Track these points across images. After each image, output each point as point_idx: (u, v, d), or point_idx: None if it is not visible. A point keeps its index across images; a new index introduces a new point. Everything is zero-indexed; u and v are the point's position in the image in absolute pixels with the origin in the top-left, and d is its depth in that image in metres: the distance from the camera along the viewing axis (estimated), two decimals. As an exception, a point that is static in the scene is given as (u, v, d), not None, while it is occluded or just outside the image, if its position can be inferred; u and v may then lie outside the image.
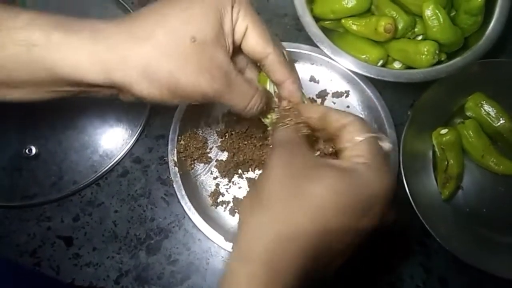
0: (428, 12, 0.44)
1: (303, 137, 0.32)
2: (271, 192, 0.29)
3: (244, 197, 0.47)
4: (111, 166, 0.50)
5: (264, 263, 0.27)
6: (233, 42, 0.33)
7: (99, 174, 0.49)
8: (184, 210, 0.46)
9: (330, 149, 0.34)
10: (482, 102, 0.48)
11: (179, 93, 0.30)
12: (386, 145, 0.32)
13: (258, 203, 0.29)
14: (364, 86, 0.49)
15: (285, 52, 0.35)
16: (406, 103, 0.52)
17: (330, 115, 0.32)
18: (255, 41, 0.33)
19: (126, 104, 0.51)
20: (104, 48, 0.29)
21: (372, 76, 0.46)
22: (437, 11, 0.43)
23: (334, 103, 0.51)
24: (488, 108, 0.48)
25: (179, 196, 0.46)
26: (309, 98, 0.51)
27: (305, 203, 0.28)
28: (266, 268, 0.27)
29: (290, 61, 0.36)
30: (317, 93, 0.51)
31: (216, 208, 0.48)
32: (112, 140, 0.51)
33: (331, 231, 0.28)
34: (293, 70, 0.36)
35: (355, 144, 0.31)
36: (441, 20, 0.43)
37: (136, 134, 0.51)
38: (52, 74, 0.30)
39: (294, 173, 0.29)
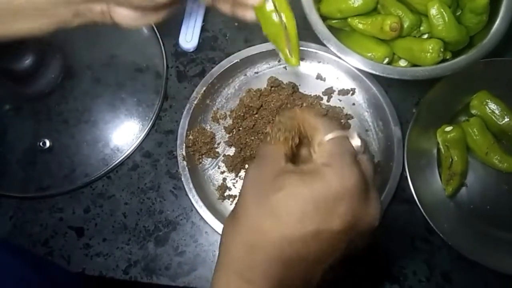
0: (433, 11, 0.44)
1: (282, 149, 0.32)
2: (242, 205, 0.30)
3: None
4: (121, 160, 0.51)
5: (235, 273, 0.28)
6: None
7: (110, 167, 0.51)
8: (192, 203, 0.47)
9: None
10: (487, 101, 0.49)
11: None
12: (356, 141, 0.32)
13: (233, 216, 0.30)
14: (370, 84, 0.50)
15: None
16: (412, 101, 0.52)
17: (308, 120, 0.32)
18: None
19: (137, 99, 0.53)
20: None
21: (377, 73, 0.46)
22: (442, 10, 0.44)
23: (340, 100, 0.52)
24: (492, 107, 0.49)
25: (187, 189, 0.47)
26: (316, 95, 0.51)
27: (269, 212, 0.28)
28: (237, 277, 0.28)
29: None
30: (323, 90, 0.52)
31: (223, 201, 0.49)
32: (123, 134, 0.52)
33: (298, 236, 0.27)
34: None
35: (320, 145, 0.31)
36: (446, 19, 0.44)
37: (146, 129, 0.52)
38: None
39: (261, 184, 0.29)
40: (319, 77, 0.52)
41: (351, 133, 0.32)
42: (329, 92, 0.52)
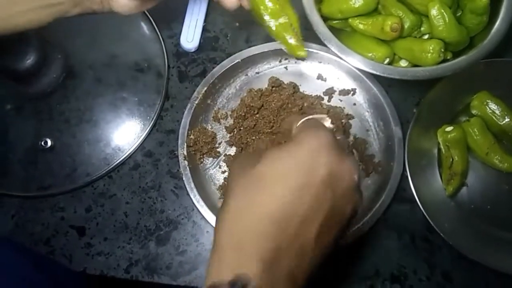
0: (433, 12, 0.45)
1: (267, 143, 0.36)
2: (229, 185, 0.31)
3: None
4: (123, 159, 0.51)
5: (228, 246, 0.28)
6: None
7: (112, 166, 0.51)
8: (193, 203, 0.48)
9: None
10: (487, 101, 0.49)
11: None
12: (327, 123, 0.38)
13: (222, 203, 0.31)
14: (371, 84, 0.50)
15: None
16: (412, 101, 0.53)
17: (288, 123, 0.37)
18: None
19: (138, 98, 0.53)
20: None
21: (378, 73, 0.46)
22: (442, 11, 0.44)
23: (341, 100, 0.52)
24: (493, 107, 0.49)
25: (188, 189, 0.48)
26: (317, 95, 0.52)
27: (254, 181, 0.29)
28: (230, 250, 0.28)
29: None
30: (324, 90, 0.52)
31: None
32: (124, 134, 0.52)
33: (283, 195, 0.28)
34: None
35: (295, 130, 0.35)
36: (447, 19, 0.44)
37: (148, 129, 0.52)
38: None
39: (246, 164, 0.31)
40: (320, 77, 0.53)
41: (322, 117, 0.37)
42: (330, 92, 0.52)
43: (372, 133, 0.51)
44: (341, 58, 0.48)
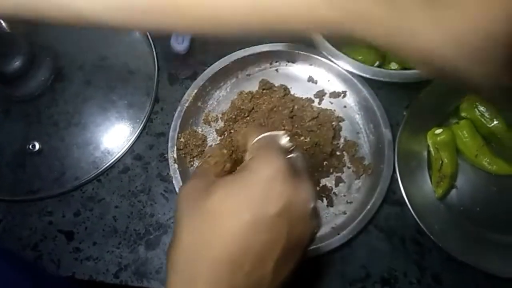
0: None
1: (212, 169, 0.33)
2: (177, 221, 0.29)
3: None
4: (112, 163, 0.51)
5: (178, 276, 0.27)
6: None
7: (101, 170, 0.50)
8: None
9: None
10: (477, 103, 0.49)
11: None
12: (283, 140, 0.33)
13: (172, 239, 0.29)
14: (361, 87, 0.50)
15: None
16: (402, 104, 0.53)
17: (244, 135, 0.34)
18: None
19: (128, 101, 0.53)
20: None
21: (368, 76, 0.47)
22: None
23: (332, 103, 0.52)
24: (482, 109, 0.49)
25: (178, 192, 0.47)
26: (307, 98, 0.52)
27: (204, 217, 0.28)
28: (178, 279, 0.27)
29: None
30: (315, 93, 0.52)
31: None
32: (114, 137, 0.52)
33: (236, 231, 0.27)
34: None
35: (250, 148, 0.32)
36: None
37: (138, 132, 0.52)
38: None
39: (194, 196, 0.29)
40: (310, 79, 0.53)
41: (279, 134, 0.33)
42: (320, 94, 0.52)
43: (363, 135, 0.51)
44: (332, 61, 0.48)
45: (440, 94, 0.50)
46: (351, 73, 0.49)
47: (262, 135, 0.32)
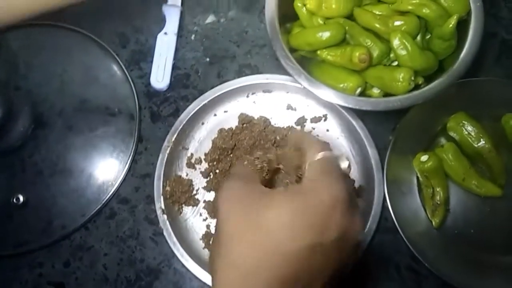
0: (395, 42, 0.44)
1: (257, 174, 0.33)
2: (227, 224, 0.29)
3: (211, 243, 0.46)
4: (98, 209, 0.50)
5: None
6: None
7: (87, 217, 0.50)
8: (176, 255, 0.46)
9: (295, 177, 0.35)
10: (464, 122, 0.49)
11: None
12: (344, 163, 0.35)
13: (218, 241, 0.29)
14: (342, 110, 0.49)
15: None
16: (388, 126, 0.52)
17: (305, 138, 0.35)
18: None
19: (111, 143, 0.52)
20: None
21: (351, 106, 0.46)
22: (404, 41, 0.43)
23: (314, 128, 0.51)
24: (469, 128, 0.48)
25: (170, 244, 0.46)
26: (288, 126, 0.51)
27: (260, 232, 0.28)
28: None
29: None
30: (295, 120, 0.51)
31: (209, 250, 0.47)
32: (99, 182, 0.51)
33: (293, 253, 0.27)
34: None
35: (311, 165, 0.32)
36: (410, 48, 0.43)
37: (123, 175, 0.51)
38: None
39: (247, 202, 0.29)
40: (289, 107, 0.52)
41: (340, 155, 0.34)
42: (301, 121, 0.51)
43: (349, 157, 0.50)
44: (311, 92, 0.47)
45: (426, 115, 0.49)
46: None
47: (325, 154, 0.32)
